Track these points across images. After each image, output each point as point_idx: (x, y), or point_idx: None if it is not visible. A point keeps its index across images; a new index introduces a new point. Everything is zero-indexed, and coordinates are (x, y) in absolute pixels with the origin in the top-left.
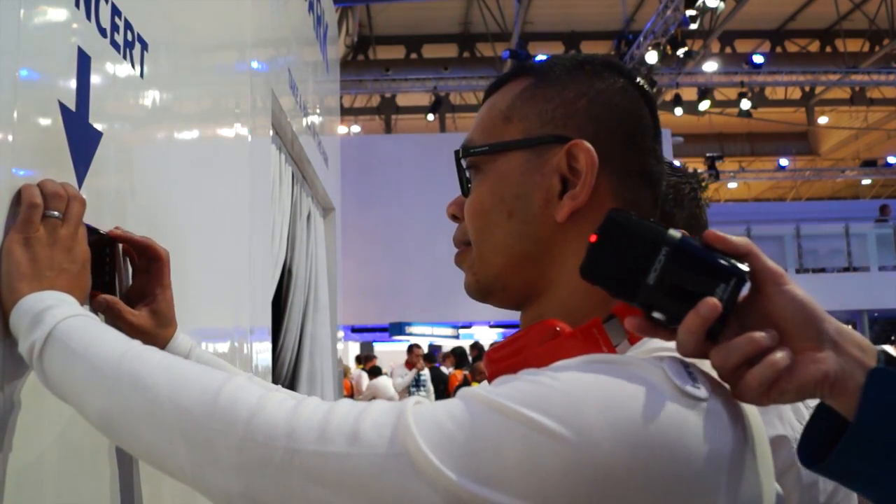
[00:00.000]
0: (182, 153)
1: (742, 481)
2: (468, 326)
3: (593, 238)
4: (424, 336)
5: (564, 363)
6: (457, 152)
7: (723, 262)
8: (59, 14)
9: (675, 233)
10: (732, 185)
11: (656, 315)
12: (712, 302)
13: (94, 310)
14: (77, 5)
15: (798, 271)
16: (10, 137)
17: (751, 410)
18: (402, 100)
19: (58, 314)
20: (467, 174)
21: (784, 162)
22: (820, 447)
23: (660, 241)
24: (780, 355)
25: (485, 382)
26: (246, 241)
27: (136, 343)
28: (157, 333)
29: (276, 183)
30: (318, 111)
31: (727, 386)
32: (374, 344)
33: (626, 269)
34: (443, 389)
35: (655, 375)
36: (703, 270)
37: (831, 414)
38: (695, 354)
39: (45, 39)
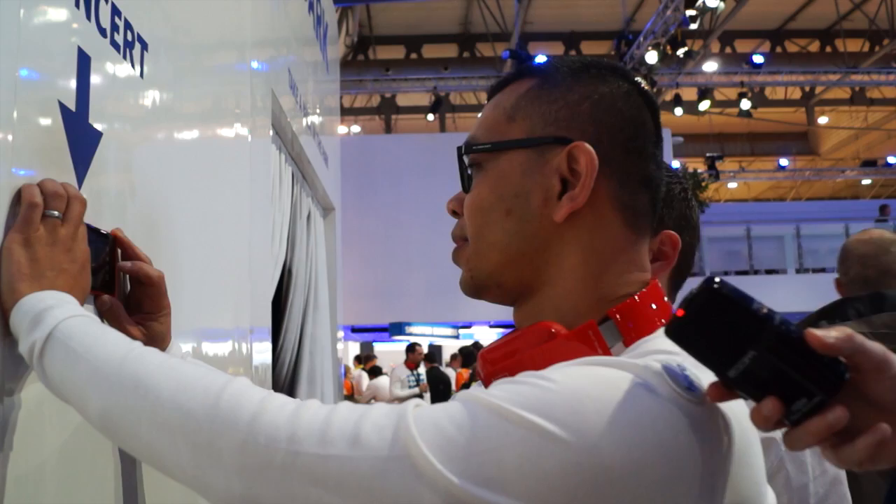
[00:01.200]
0: (182, 153)
1: (735, 482)
2: (468, 326)
3: (680, 313)
4: (424, 336)
5: (562, 366)
6: (459, 149)
7: (818, 371)
8: (59, 14)
9: (774, 325)
10: (732, 185)
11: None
12: (774, 404)
13: (97, 310)
14: (77, 5)
15: (798, 271)
16: (9, 137)
17: (743, 412)
18: (402, 100)
19: (58, 314)
20: (469, 171)
21: (784, 162)
22: None
23: (749, 341)
24: (872, 439)
25: (479, 383)
26: (246, 241)
27: (138, 344)
28: (151, 346)
29: (276, 183)
30: (318, 111)
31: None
32: (374, 344)
33: (711, 353)
34: (442, 389)
35: (652, 378)
36: (794, 376)
37: None
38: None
39: (45, 39)
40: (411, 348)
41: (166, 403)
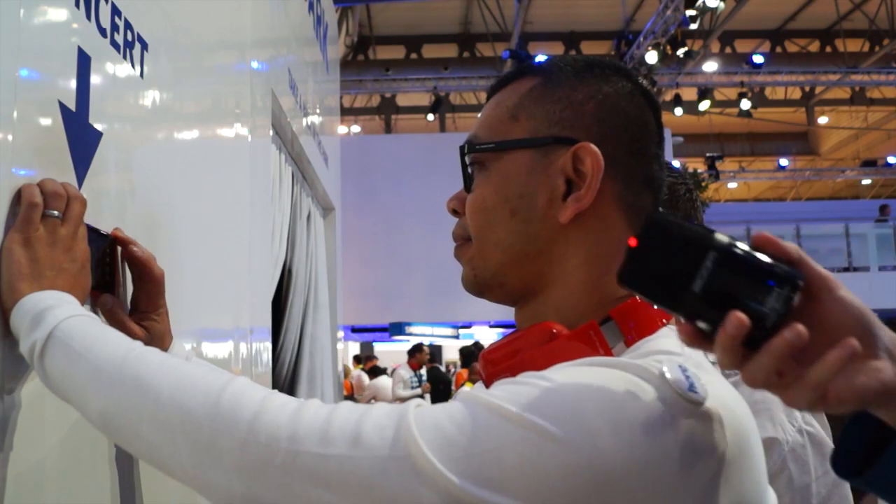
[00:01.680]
0: (182, 153)
1: (736, 483)
2: (468, 326)
3: (633, 242)
4: (424, 336)
5: (563, 366)
6: (462, 147)
7: (775, 267)
8: (59, 14)
9: (723, 237)
10: (732, 185)
11: (700, 325)
12: (737, 318)
13: (96, 309)
14: (77, 5)
15: None
16: (10, 137)
17: (745, 413)
18: (402, 100)
19: (59, 314)
20: (470, 170)
21: (784, 162)
22: (852, 457)
23: (707, 245)
24: (841, 353)
25: (480, 384)
26: (246, 241)
27: (138, 344)
28: (152, 345)
29: (276, 183)
30: (318, 111)
31: (723, 390)
32: (374, 344)
33: (670, 275)
34: (442, 389)
35: (653, 379)
36: (754, 278)
37: (867, 425)
38: (737, 368)
39: (46, 39)
40: (418, 349)
41: (167, 403)
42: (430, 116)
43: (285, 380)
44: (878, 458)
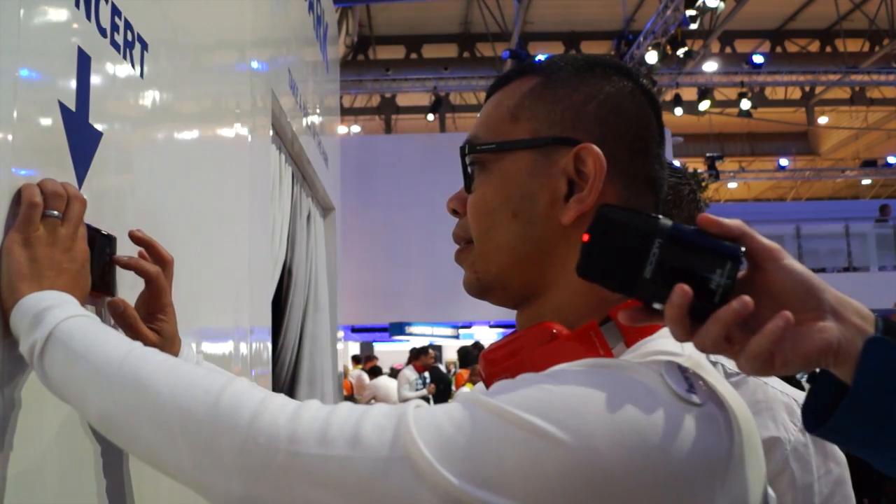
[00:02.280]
0: (182, 153)
1: (735, 485)
2: (468, 326)
3: (586, 237)
4: (424, 336)
5: (563, 367)
6: (462, 147)
7: (717, 245)
8: (59, 14)
9: (667, 221)
10: (732, 185)
11: (657, 306)
12: (681, 289)
13: (106, 313)
14: (77, 5)
15: None
16: (10, 137)
17: (745, 414)
18: (402, 100)
19: (59, 314)
20: (470, 170)
21: (784, 162)
22: (821, 412)
23: (652, 231)
24: (779, 323)
25: (480, 384)
26: (245, 241)
27: (138, 344)
28: (163, 349)
29: (275, 183)
30: (318, 111)
31: (722, 391)
32: (374, 344)
33: (622, 264)
34: (443, 389)
35: (653, 380)
36: (698, 257)
37: (833, 381)
38: (687, 340)
39: (46, 39)
40: (423, 351)
41: (166, 403)
42: (431, 116)
43: (285, 380)
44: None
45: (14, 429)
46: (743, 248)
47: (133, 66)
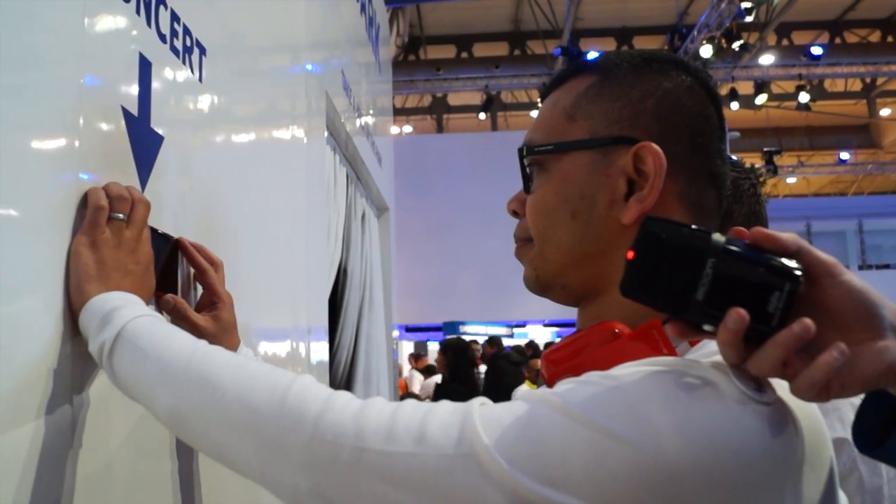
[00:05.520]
0: (239, 155)
1: (805, 486)
2: (522, 325)
3: (630, 254)
4: (479, 335)
5: (628, 366)
6: (520, 150)
7: (774, 265)
8: (120, 21)
9: (720, 238)
10: (791, 180)
11: (708, 328)
12: (737, 313)
13: (160, 309)
14: (138, 12)
15: (861, 267)
16: (76, 143)
17: (815, 413)
18: (454, 99)
19: (126, 314)
20: (529, 171)
21: (845, 156)
22: (872, 431)
23: (704, 250)
24: (833, 355)
25: (544, 386)
26: (302, 242)
27: (203, 343)
28: (222, 339)
29: (331, 184)
30: (371, 112)
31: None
32: (428, 343)
33: (671, 284)
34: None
35: (720, 379)
36: (754, 278)
37: (883, 396)
38: (740, 363)
39: (108, 46)
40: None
41: (233, 401)
42: (482, 115)
43: (341, 379)
44: (893, 432)
45: (84, 427)
46: (801, 268)
47: (192, 70)
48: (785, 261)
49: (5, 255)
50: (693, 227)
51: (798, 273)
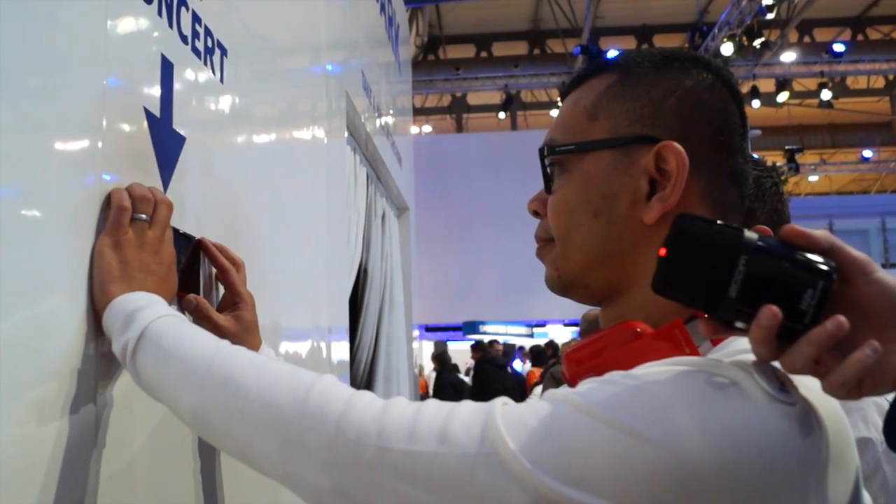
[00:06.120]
0: (260, 156)
1: (831, 486)
2: (542, 325)
3: (663, 251)
4: (499, 335)
5: (650, 366)
6: (541, 150)
7: (807, 262)
8: (142, 23)
9: (752, 235)
10: (813, 178)
11: (740, 325)
12: (771, 311)
13: (182, 309)
14: (160, 14)
15: (884, 265)
16: (99, 144)
17: (839, 414)
18: (473, 98)
19: (149, 314)
20: (550, 171)
21: (868, 153)
22: None
23: (737, 247)
24: (866, 352)
25: (565, 386)
26: (323, 242)
27: (226, 343)
28: (244, 339)
29: (351, 184)
30: (391, 112)
31: (818, 387)
32: (448, 343)
33: (704, 281)
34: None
35: (743, 379)
36: (788, 275)
37: None
38: (773, 360)
39: (131, 48)
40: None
41: (255, 400)
42: (502, 114)
43: (362, 378)
44: None
45: (107, 427)
46: (835, 265)
47: (213, 71)
48: (818, 258)
49: (30, 256)
50: (725, 224)
51: (831, 270)
